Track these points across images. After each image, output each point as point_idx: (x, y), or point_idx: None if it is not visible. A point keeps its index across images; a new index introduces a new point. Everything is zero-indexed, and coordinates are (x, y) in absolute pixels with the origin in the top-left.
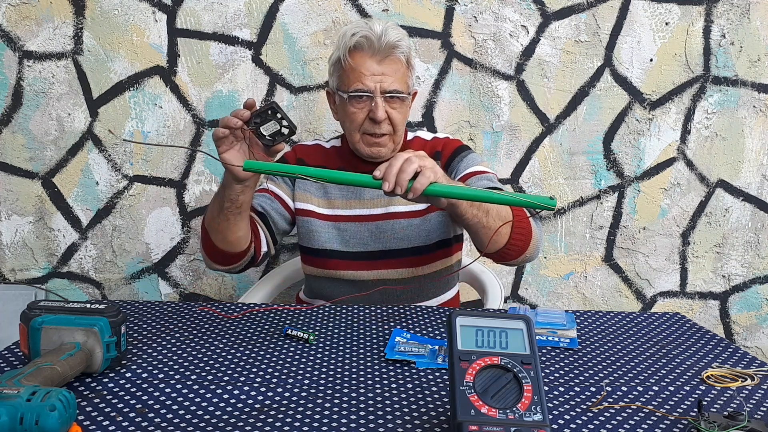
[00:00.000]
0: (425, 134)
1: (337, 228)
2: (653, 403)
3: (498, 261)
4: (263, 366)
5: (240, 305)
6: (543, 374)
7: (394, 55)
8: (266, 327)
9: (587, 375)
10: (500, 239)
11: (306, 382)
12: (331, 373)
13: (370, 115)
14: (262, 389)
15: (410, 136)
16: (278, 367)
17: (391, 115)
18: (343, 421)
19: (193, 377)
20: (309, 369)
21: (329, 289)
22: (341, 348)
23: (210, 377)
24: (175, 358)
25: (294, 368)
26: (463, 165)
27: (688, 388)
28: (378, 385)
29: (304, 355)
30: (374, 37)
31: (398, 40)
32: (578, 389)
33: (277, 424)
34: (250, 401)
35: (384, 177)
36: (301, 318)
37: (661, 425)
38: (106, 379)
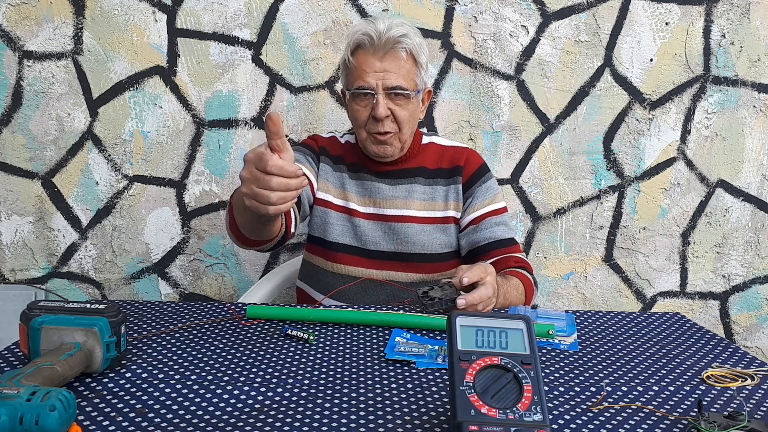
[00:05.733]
0: (441, 140)
1: (351, 222)
2: (653, 403)
3: None
4: (263, 366)
5: (240, 305)
6: (543, 374)
7: (395, 51)
8: (266, 327)
9: (587, 375)
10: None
11: (306, 382)
12: (331, 373)
13: (372, 113)
14: (262, 389)
15: (425, 140)
16: (278, 367)
17: (395, 112)
18: (343, 421)
19: (193, 377)
20: (309, 369)
21: (336, 284)
22: (341, 348)
23: (210, 377)
24: (175, 358)
25: (294, 368)
26: (481, 192)
27: (688, 388)
28: (378, 385)
29: (304, 355)
30: (375, 34)
31: (401, 36)
32: (578, 389)
33: (277, 424)
34: (250, 401)
35: (468, 302)
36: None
37: (661, 425)
38: (106, 379)
